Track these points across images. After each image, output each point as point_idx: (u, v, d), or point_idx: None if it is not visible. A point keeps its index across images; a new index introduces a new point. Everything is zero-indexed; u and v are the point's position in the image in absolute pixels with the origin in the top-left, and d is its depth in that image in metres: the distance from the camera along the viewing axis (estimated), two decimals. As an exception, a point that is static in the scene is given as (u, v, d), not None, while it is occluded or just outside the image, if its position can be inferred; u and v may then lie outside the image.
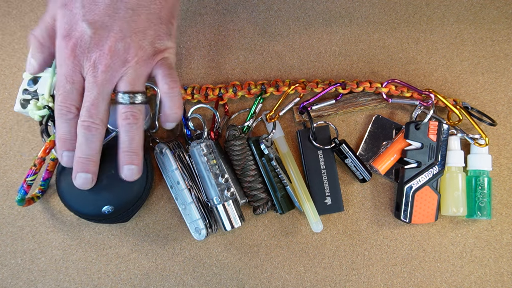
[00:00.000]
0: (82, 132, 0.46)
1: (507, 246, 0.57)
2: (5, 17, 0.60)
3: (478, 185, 0.55)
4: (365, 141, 0.58)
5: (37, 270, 0.56)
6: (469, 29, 0.60)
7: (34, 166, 0.52)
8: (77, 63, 0.44)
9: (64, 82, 0.45)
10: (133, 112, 0.46)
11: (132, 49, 0.45)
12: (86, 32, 0.44)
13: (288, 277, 0.56)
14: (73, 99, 0.46)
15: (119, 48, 0.44)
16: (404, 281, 0.56)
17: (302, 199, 0.55)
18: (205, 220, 0.53)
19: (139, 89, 0.46)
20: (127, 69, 0.45)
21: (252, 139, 0.55)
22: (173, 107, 0.48)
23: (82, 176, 0.48)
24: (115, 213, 0.52)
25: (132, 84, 0.46)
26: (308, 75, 0.60)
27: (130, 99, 0.45)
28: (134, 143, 0.47)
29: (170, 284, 0.56)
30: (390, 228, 0.57)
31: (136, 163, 0.48)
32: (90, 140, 0.46)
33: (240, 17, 0.61)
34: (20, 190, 0.53)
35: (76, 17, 0.44)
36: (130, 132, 0.47)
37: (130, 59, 0.45)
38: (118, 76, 0.45)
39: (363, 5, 0.61)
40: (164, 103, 0.48)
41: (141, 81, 0.46)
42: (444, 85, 0.59)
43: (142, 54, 0.45)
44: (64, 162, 0.48)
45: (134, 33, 0.45)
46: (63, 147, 0.47)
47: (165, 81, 0.47)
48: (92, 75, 0.44)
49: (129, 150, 0.47)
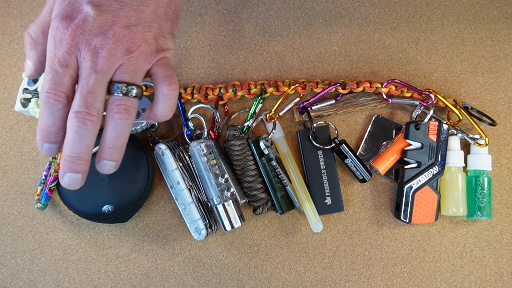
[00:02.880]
0: (75, 126, 0.40)
1: (507, 246, 0.57)
2: (5, 17, 0.60)
3: (478, 185, 0.55)
4: (365, 141, 0.58)
5: (37, 270, 0.56)
6: (469, 29, 0.60)
7: (55, 172, 0.53)
8: (74, 45, 0.40)
9: (57, 65, 0.40)
10: (126, 106, 0.42)
11: (137, 39, 0.42)
12: (90, 13, 0.40)
13: (288, 277, 0.56)
14: (65, 85, 0.41)
15: (124, 35, 0.41)
16: (404, 281, 0.56)
17: (302, 199, 0.55)
18: (205, 220, 0.53)
19: (136, 82, 0.43)
20: (129, 59, 0.42)
21: (252, 139, 0.55)
22: (167, 109, 0.45)
23: (72, 176, 0.42)
24: (115, 213, 0.52)
25: (131, 75, 0.42)
26: (308, 75, 0.60)
27: (126, 90, 0.41)
28: (120, 141, 0.43)
29: (170, 284, 0.56)
30: (390, 228, 0.57)
31: (116, 159, 0.43)
32: (83, 135, 0.40)
33: (240, 17, 0.61)
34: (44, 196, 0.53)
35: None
36: (119, 128, 0.42)
37: (133, 49, 0.42)
38: (117, 65, 0.41)
39: (363, 5, 0.61)
40: (158, 104, 0.45)
41: (139, 75, 0.43)
42: (444, 85, 0.59)
43: (146, 47, 0.43)
44: (44, 154, 0.43)
45: (141, 23, 0.42)
46: (46, 139, 0.42)
47: (165, 83, 0.44)
48: (90, 60, 0.40)
49: (113, 146, 0.42)
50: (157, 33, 0.44)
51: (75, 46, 0.40)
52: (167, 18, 0.44)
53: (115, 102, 0.41)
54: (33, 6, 0.61)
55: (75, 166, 0.41)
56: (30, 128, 0.58)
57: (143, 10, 0.42)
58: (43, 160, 0.57)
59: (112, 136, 0.42)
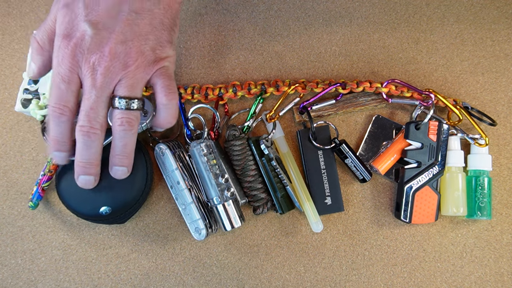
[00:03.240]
0: (81, 138, 0.45)
1: (507, 246, 0.57)
2: (5, 17, 0.60)
3: (478, 185, 0.55)
4: (365, 141, 0.58)
5: (37, 270, 0.56)
6: (469, 29, 0.60)
7: (49, 172, 0.53)
8: (75, 63, 0.44)
9: (59, 82, 0.44)
10: (129, 119, 0.45)
11: (133, 53, 0.44)
12: (87, 32, 0.43)
13: (288, 277, 0.56)
14: (67, 100, 0.44)
15: (120, 51, 0.43)
16: (404, 281, 0.56)
17: (302, 199, 0.55)
18: (205, 220, 0.53)
19: (136, 95, 0.45)
20: (126, 73, 0.44)
21: (252, 139, 0.55)
22: (168, 117, 0.48)
23: (85, 178, 0.48)
24: (113, 215, 0.52)
25: (130, 90, 0.45)
26: (308, 75, 0.60)
27: (127, 104, 0.45)
28: (128, 148, 0.47)
29: (170, 284, 0.56)
30: (390, 228, 0.57)
31: (127, 164, 0.49)
32: (89, 145, 0.46)
33: (240, 17, 0.61)
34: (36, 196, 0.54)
35: (78, 17, 0.43)
36: (124, 139, 0.46)
37: (130, 63, 0.44)
38: (116, 80, 0.44)
39: (363, 5, 0.61)
40: (160, 113, 0.48)
41: (139, 87, 0.45)
42: (444, 85, 0.59)
43: (143, 59, 0.44)
44: (55, 161, 0.49)
45: (136, 37, 0.44)
46: (54, 148, 0.47)
47: (164, 93, 0.46)
48: (90, 77, 0.43)
49: (121, 153, 0.48)
50: (155, 44, 0.45)
51: (76, 64, 0.44)
52: (163, 28, 0.46)
53: (117, 115, 0.45)
54: (33, 6, 0.61)
55: (86, 170, 0.47)
56: (30, 128, 0.58)
57: (139, 24, 0.44)
58: (43, 160, 0.57)
59: (119, 145, 0.47)
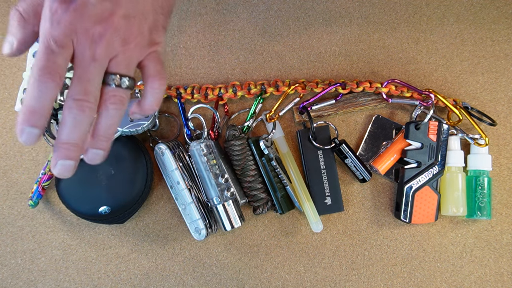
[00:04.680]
0: (73, 112, 0.40)
1: (507, 246, 0.57)
2: (5, 17, 0.60)
3: (478, 185, 0.55)
4: (365, 141, 0.58)
5: (37, 270, 0.56)
6: (469, 29, 0.60)
7: (49, 170, 0.53)
8: (72, 29, 0.39)
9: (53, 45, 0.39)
10: (121, 97, 0.42)
11: (134, 30, 0.42)
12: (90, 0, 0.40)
13: (288, 277, 0.56)
14: (60, 65, 0.39)
15: (122, 26, 0.41)
16: (404, 281, 0.56)
17: (302, 199, 0.55)
18: (205, 220, 0.53)
19: (130, 74, 0.43)
20: (124, 50, 0.42)
21: (252, 139, 0.55)
22: (154, 103, 0.45)
23: (65, 163, 0.40)
24: (112, 214, 0.52)
25: (126, 67, 0.42)
26: (308, 75, 0.60)
27: (120, 81, 0.42)
28: (111, 130, 0.43)
29: (170, 284, 0.56)
30: (390, 228, 0.57)
31: (105, 148, 0.43)
32: (80, 122, 0.40)
33: (240, 17, 0.61)
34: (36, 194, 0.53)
35: None
36: (113, 118, 0.42)
37: (130, 40, 0.42)
38: (113, 55, 0.41)
39: (363, 5, 0.61)
40: (146, 98, 0.45)
41: (132, 66, 0.43)
42: (444, 85, 0.59)
43: (141, 38, 0.43)
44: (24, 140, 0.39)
45: (138, 14, 0.42)
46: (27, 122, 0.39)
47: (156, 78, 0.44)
48: (89, 48, 0.40)
49: (104, 135, 0.42)
50: (152, 26, 0.44)
51: (73, 30, 0.39)
52: (162, 11, 0.45)
53: (110, 92, 0.42)
54: (33, 6, 0.61)
55: (70, 153, 0.40)
56: (30, 128, 0.58)
57: (142, 2, 0.43)
58: (43, 160, 0.57)
59: (105, 125, 0.42)
